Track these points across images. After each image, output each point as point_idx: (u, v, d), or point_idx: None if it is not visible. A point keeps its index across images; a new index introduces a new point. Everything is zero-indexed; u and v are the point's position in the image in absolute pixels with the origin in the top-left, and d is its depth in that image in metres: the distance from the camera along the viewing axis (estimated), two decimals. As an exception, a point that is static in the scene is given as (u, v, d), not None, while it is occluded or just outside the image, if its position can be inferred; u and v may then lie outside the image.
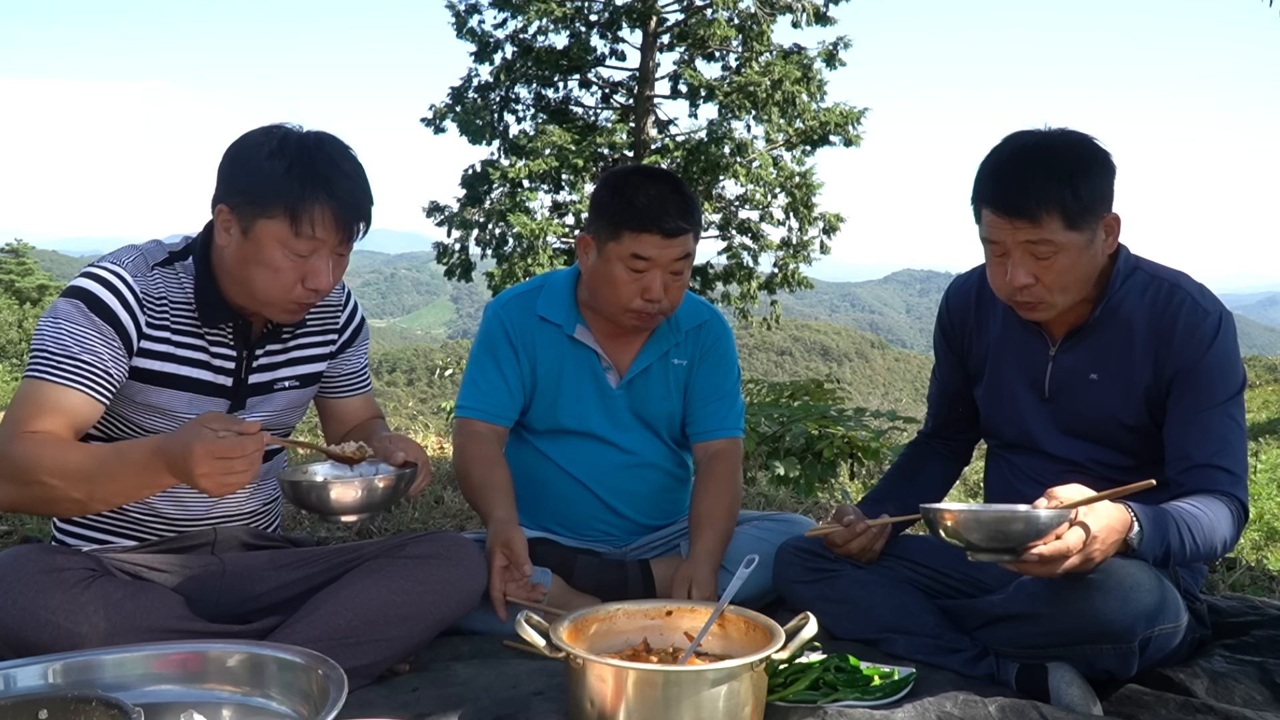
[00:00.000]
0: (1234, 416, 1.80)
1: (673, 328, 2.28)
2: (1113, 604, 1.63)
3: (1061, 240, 1.73)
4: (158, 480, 1.56)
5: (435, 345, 73.73)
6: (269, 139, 1.70)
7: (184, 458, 1.47)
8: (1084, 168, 1.74)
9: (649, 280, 2.08)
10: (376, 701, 1.65)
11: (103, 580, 1.67)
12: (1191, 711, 1.64)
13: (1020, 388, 1.98)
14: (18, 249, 34.63)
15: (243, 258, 1.71)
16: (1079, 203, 1.72)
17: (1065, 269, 1.76)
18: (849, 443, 4.68)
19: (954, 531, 1.62)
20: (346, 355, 2.04)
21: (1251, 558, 3.44)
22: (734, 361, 2.38)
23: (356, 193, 1.72)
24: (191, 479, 1.48)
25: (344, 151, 1.74)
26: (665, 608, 1.75)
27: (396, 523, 3.30)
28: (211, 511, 1.90)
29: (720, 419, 2.31)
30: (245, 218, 1.68)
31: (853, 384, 58.33)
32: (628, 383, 2.27)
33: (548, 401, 2.28)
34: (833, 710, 1.60)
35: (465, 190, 17.81)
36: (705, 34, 16.65)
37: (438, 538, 1.87)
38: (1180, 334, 1.80)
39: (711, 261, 18.00)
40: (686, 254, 2.11)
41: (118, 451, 1.58)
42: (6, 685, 1.33)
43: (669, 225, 2.05)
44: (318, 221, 1.67)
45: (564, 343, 2.26)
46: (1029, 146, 1.78)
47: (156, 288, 1.76)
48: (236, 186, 1.70)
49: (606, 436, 2.29)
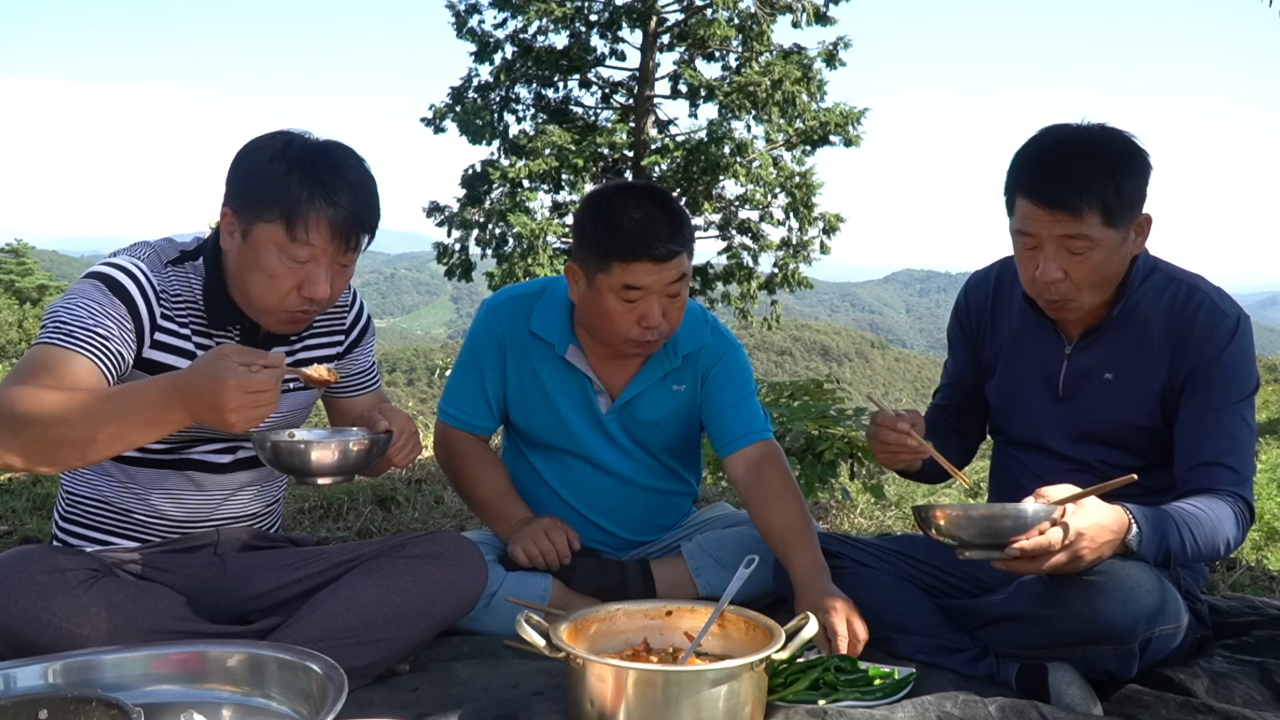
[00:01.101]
0: (1244, 417, 1.80)
1: (669, 352, 2.16)
2: (1113, 605, 1.63)
3: (1098, 236, 1.71)
4: (170, 418, 1.47)
5: (435, 345, 73.73)
6: (274, 142, 1.68)
7: (213, 392, 1.41)
8: (1127, 164, 1.72)
9: (645, 308, 1.96)
10: (376, 701, 1.65)
11: (105, 581, 1.66)
12: (1191, 711, 1.64)
13: (1033, 386, 1.98)
14: (18, 249, 34.61)
15: (241, 262, 1.69)
16: (1120, 199, 1.70)
17: (1097, 266, 1.74)
18: (849, 443, 4.68)
19: (944, 529, 1.63)
20: (354, 355, 2.02)
21: (1251, 558, 3.44)
22: (746, 374, 2.24)
23: (358, 202, 1.68)
24: (221, 414, 1.42)
25: (350, 160, 1.71)
26: (665, 608, 1.75)
27: (396, 523, 3.31)
28: (215, 513, 1.88)
29: (745, 424, 2.17)
30: (245, 220, 1.67)
31: (853, 384, 58.29)
32: (619, 407, 2.19)
33: (534, 418, 2.23)
34: (833, 710, 1.60)
35: (465, 190, 17.83)
36: (705, 34, 16.67)
37: (438, 537, 1.87)
38: (1198, 334, 1.80)
39: (711, 261, 18.01)
40: (682, 274, 1.98)
41: (126, 391, 1.49)
42: (6, 685, 1.33)
43: (659, 250, 1.92)
44: (314, 228, 1.64)
45: (555, 361, 2.18)
46: (1073, 139, 1.75)
47: (171, 284, 1.74)
48: (238, 189, 1.69)
49: (596, 459, 2.24)
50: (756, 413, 2.21)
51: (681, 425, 2.25)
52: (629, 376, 2.18)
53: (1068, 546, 1.57)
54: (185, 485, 1.83)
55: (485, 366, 2.20)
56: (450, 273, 18.33)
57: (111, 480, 1.81)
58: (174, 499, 1.83)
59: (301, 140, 1.69)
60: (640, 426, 2.22)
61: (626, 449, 2.24)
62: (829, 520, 4.00)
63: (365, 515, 3.33)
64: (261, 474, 1.93)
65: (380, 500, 3.55)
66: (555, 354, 2.16)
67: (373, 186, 1.73)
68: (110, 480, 1.81)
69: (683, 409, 2.23)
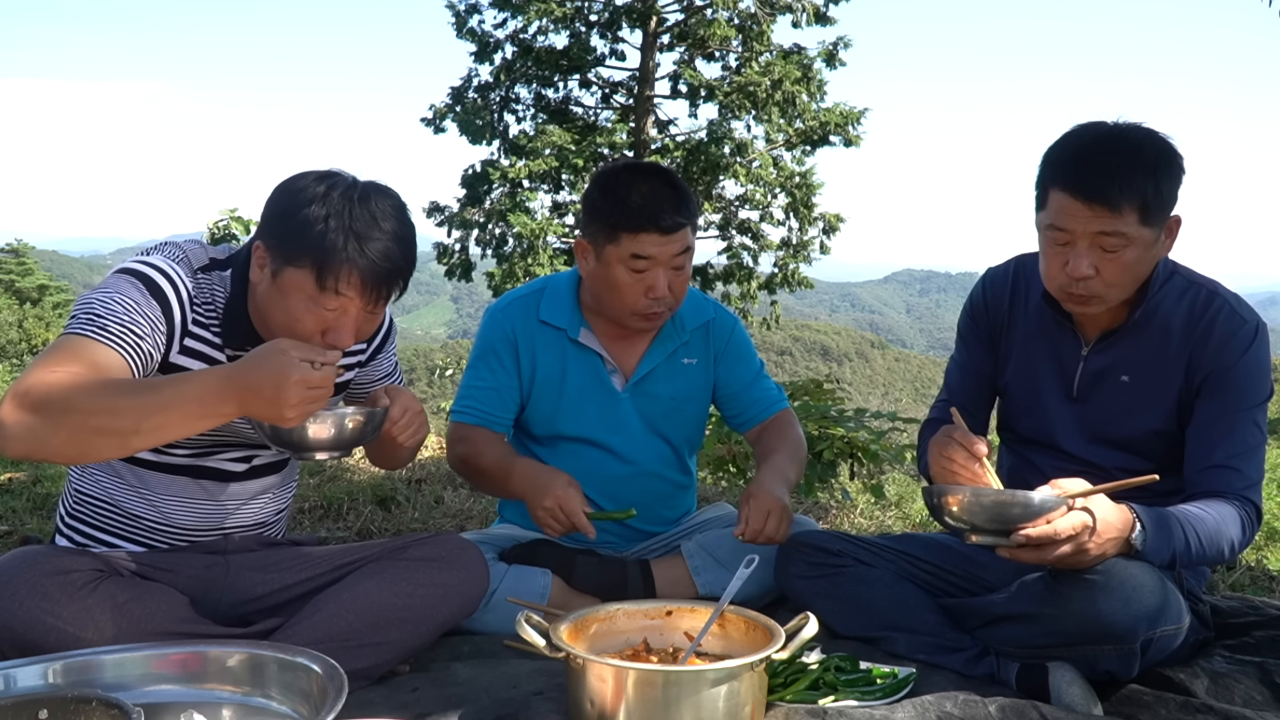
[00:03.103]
0: (1257, 423, 1.80)
1: (678, 327, 2.27)
2: (1115, 604, 1.63)
3: (1133, 234, 1.70)
4: (220, 411, 1.45)
5: (435, 345, 73.69)
6: (316, 185, 1.62)
7: (275, 386, 1.41)
8: (1167, 164, 1.72)
9: (652, 279, 2.06)
10: (376, 701, 1.65)
11: (109, 582, 1.66)
12: (1191, 711, 1.64)
13: (1048, 385, 1.97)
14: (18, 249, 34.60)
15: (269, 300, 1.65)
16: (1159, 198, 1.70)
17: (1129, 264, 1.73)
18: (849, 443, 4.68)
19: (955, 513, 1.63)
20: (378, 361, 2.01)
21: (1251, 558, 3.44)
22: (752, 349, 2.39)
23: (393, 256, 1.62)
24: (280, 409, 1.42)
25: (390, 209, 1.65)
26: (665, 608, 1.75)
27: (397, 523, 3.31)
28: (225, 522, 1.87)
29: (765, 401, 2.34)
30: (275, 260, 1.62)
31: (853, 384, 58.26)
32: (634, 385, 2.26)
33: (548, 408, 2.27)
34: (833, 710, 1.60)
35: (465, 190, 17.83)
36: (705, 34, 16.67)
37: (440, 540, 1.86)
38: (1216, 339, 1.80)
39: (711, 261, 18.02)
40: (687, 248, 2.09)
41: (174, 381, 1.46)
42: (6, 685, 1.33)
43: (666, 222, 2.02)
44: (344, 280, 1.59)
45: (567, 347, 2.24)
46: (1114, 135, 1.73)
47: (202, 291, 1.71)
48: (273, 228, 1.63)
49: (608, 444, 2.28)
50: (770, 388, 2.37)
51: (695, 400, 2.33)
52: (641, 354, 2.26)
53: (1073, 539, 1.57)
54: (197, 493, 1.82)
55: (498, 362, 2.24)
56: (450, 273, 18.34)
57: (122, 483, 1.79)
58: (184, 506, 1.82)
59: (344, 185, 1.63)
60: (655, 403, 2.28)
61: (639, 432, 2.29)
62: (829, 520, 3.99)
63: (365, 515, 3.33)
64: (271, 483, 1.92)
65: (380, 500, 3.55)
66: (566, 340, 2.23)
67: (410, 238, 1.68)
68: (120, 483, 1.79)
69: (695, 382, 2.31)
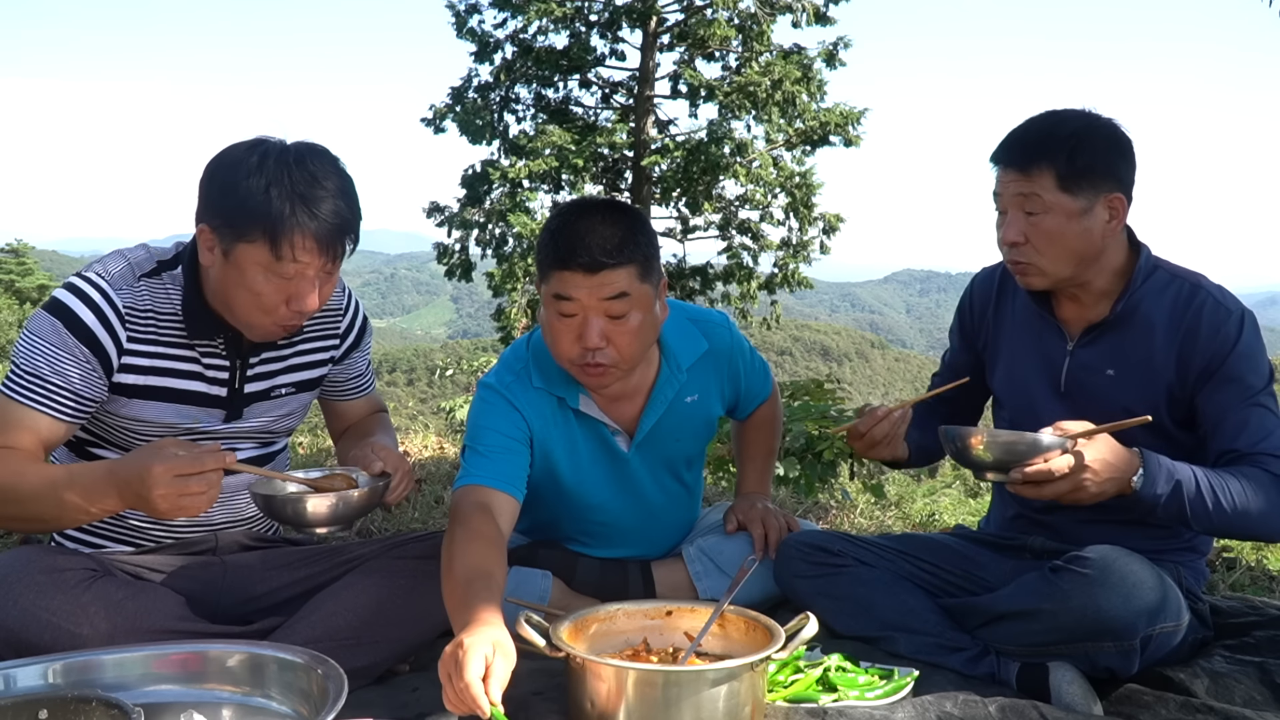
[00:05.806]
0: (1269, 407, 1.81)
1: (674, 370, 2.05)
2: (1114, 600, 1.64)
3: (1050, 200, 1.78)
4: (104, 505, 1.53)
5: (435, 345, 73.71)
6: (248, 155, 1.61)
7: (141, 478, 1.45)
8: (1088, 136, 1.79)
9: (580, 326, 1.80)
10: (376, 701, 1.65)
11: (104, 581, 1.66)
12: (1191, 711, 1.64)
13: (1036, 381, 1.99)
14: (18, 249, 34.58)
15: (225, 280, 1.66)
16: (1072, 165, 1.77)
17: (1053, 231, 1.80)
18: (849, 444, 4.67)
19: (974, 451, 1.75)
20: (352, 359, 2.02)
21: (1251, 558, 3.44)
22: (750, 352, 2.24)
23: (341, 212, 1.63)
24: (148, 500, 1.45)
25: (328, 166, 1.65)
26: (665, 608, 1.75)
27: (396, 522, 3.30)
28: (213, 518, 1.88)
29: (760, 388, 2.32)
30: (225, 240, 1.62)
31: (853, 384, 58.27)
32: (638, 445, 2.08)
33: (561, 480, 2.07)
34: (833, 710, 1.60)
35: (465, 190, 17.81)
36: (705, 34, 16.64)
37: (439, 538, 1.85)
38: (1205, 332, 1.81)
39: (711, 261, 18.00)
40: (620, 293, 1.78)
41: (69, 475, 1.55)
42: (6, 685, 1.33)
43: (585, 259, 1.75)
44: (299, 245, 1.59)
45: (569, 417, 2.02)
46: (1047, 114, 1.85)
47: (142, 301, 1.71)
48: (215, 208, 1.63)
49: (619, 505, 2.15)
50: (766, 378, 2.34)
51: (701, 433, 2.20)
52: (640, 409, 2.06)
53: (1070, 476, 1.66)
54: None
55: (503, 424, 1.96)
56: (450, 273, 18.32)
57: None
58: None
59: (276, 151, 1.63)
60: (661, 451, 2.13)
61: (649, 484, 2.16)
62: (829, 520, 4.00)
63: (365, 515, 3.33)
64: None
65: (380, 500, 3.54)
66: (567, 409, 2.01)
67: (352, 190, 1.68)
68: None
69: (699, 416, 2.15)
